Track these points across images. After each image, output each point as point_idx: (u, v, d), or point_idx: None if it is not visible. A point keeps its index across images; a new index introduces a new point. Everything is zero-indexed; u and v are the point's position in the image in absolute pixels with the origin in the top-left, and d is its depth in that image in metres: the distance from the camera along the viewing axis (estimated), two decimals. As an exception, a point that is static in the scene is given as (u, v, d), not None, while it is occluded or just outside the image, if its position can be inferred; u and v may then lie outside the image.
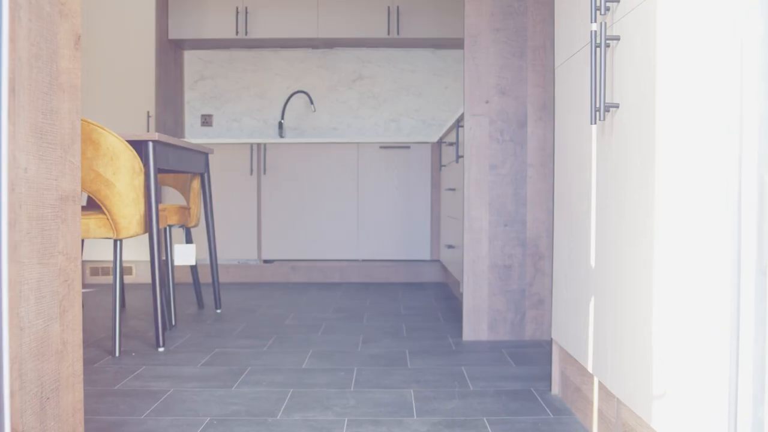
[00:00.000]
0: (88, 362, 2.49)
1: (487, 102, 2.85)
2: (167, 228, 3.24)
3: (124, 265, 4.72)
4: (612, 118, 1.53)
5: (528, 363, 2.48)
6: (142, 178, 2.69)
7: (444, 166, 4.22)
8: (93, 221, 2.60)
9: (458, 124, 3.29)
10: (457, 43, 4.99)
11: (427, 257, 4.69)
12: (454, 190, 3.67)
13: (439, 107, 5.19)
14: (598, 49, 1.54)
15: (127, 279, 4.74)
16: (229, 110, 5.24)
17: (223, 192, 4.67)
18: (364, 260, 4.74)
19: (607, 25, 1.53)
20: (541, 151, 2.86)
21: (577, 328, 1.83)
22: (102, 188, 2.58)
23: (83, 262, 4.71)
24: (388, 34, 4.84)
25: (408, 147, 4.66)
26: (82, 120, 2.52)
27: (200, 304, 3.67)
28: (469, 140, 2.85)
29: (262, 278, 4.76)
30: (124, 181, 2.62)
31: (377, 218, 4.67)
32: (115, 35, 4.63)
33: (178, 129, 5.12)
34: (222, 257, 4.70)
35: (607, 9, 1.50)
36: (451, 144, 3.69)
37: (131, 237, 2.70)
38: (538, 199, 2.86)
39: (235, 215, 4.68)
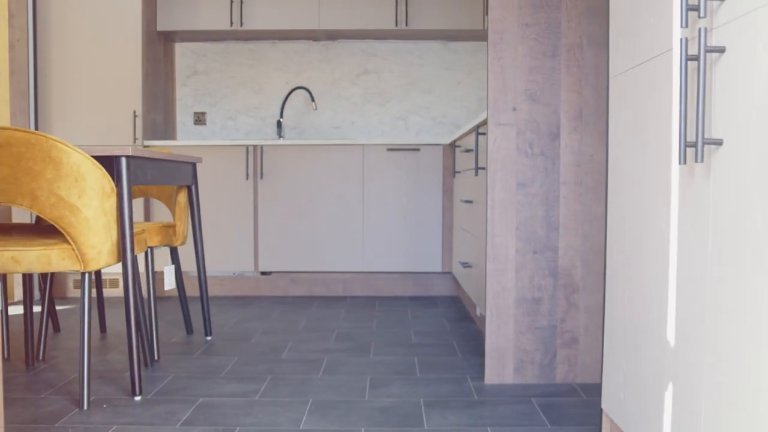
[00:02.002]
0: (50, 418, 2.13)
1: (514, 109, 2.46)
2: (148, 250, 2.87)
3: (111, 277, 4.35)
4: (710, 157, 1.14)
5: (564, 420, 2.11)
6: (114, 199, 2.31)
7: (458, 172, 3.83)
8: (55, 252, 2.23)
9: (477, 130, 2.90)
10: (470, 35, 4.58)
11: (438, 269, 4.31)
12: (470, 202, 3.28)
13: (451, 104, 4.80)
14: (692, 63, 1.15)
15: (114, 292, 4.37)
16: (223, 107, 4.85)
17: (217, 198, 4.29)
18: (369, 272, 4.36)
19: (707, 32, 1.14)
20: (576, 167, 2.47)
21: (644, 412, 1.45)
22: (65, 214, 2.20)
23: (68, 274, 4.34)
24: (396, 25, 4.43)
25: (418, 149, 4.27)
26: (39, 135, 2.14)
27: (189, 328, 3.31)
28: (494, 153, 2.46)
29: (260, 291, 4.39)
30: (92, 205, 2.24)
31: (384, 227, 4.29)
32: (98, 28, 4.23)
33: (168, 128, 4.73)
34: (216, 269, 4.33)
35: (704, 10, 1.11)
36: (467, 151, 3.30)
37: (102, 268, 2.33)
38: (572, 222, 2.48)
39: (229, 224, 4.30)
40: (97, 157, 2.34)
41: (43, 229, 2.65)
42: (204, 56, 4.83)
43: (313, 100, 4.71)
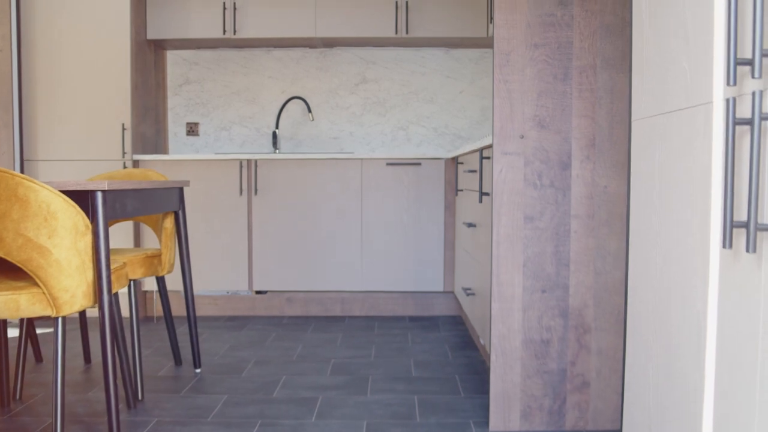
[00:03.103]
0: (17, 480, 1.96)
1: (522, 137, 2.27)
2: (131, 283, 2.69)
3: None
4: (761, 244, 0.96)
5: (578, 483, 1.93)
6: (89, 237, 2.13)
7: (461, 191, 3.65)
8: (24, 297, 2.05)
9: (481, 153, 2.71)
10: (473, 42, 4.39)
11: (440, 288, 4.13)
12: (474, 226, 3.10)
13: (453, 114, 4.61)
14: (741, 127, 0.97)
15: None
16: (217, 118, 4.67)
17: (210, 215, 4.11)
18: (368, 291, 4.18)
19: (762, 96, 0.96)
20: (588, 200, 2.28)
21: None
22: (34, 257, 2.02)
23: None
24: (396, 33, 4.24)
25: (419, 164, 4.08)
26: (4, 172, 1.96)
27: (177, 359, 3.13)
28: (499, 185, 2.28)
29: (254, 311, 4.22)
30: (64, 245, 2.06)
31: (383, 244, 4.11)
32: (85, 37, 4.05)
33: (159, 140, 4.55)
34: (209, 288, 4.16)
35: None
36: (470, 171, 3.11)
37: (77, 311, 2.15)
38: (584, 258, 2.30)
39: (223, 241, 4.13)
40: (70, 192, 2.16)
41: (11, 268, 2.47)
42: (196, 64, 4.64)
43: (309, 111, 4.52)
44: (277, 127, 4.58)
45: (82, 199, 2.17)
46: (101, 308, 2.16)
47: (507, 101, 2.27)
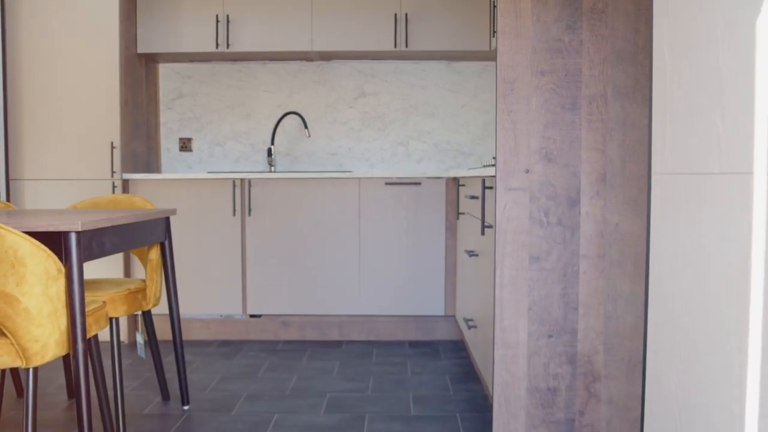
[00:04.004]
0: None
1: (527, 171, 2.12)
2: (112, 321, 2.54)
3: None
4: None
5: None
6: (62, 281, 1.98)
7: (462, 214, 3.50)
8: (-10, 348, 1.90)
9: (483, 184, 2.56)
10: (476, 55, 4.23)
11: (441, 312, 3.98)
12: (476, 255, 2.95)
13: (455, 129, 4.45)
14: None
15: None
16: (211, 133, 4.52)
17: (202, 236, 3.97)
18: (366, 315, 4.03)
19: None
20: (598, 238, 2.13)
21: None
22: (0, 306, 1.87)
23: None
24: (395, 46, 4.08)
25: (419, 183, 3.93)
26: (-34, 216, 1.82)
27: (164, 394, 2.99)
28: (503, 223, 2.13)
29: (249, 335, 4.07)
30: (34, 292, 1.91)
31: (382, 266, 3.96)
32: (72, 53, 3.90)
33: (151, 157, 4.41)
34: (202, 312, 4.01)
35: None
36: (472, 197, 2.96)
37: (49, 361, 2.01)
38: (593, 301, 2.14)
39: (215, 263, 3.98)
40: (41, 234, 2.02)
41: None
42: (189, 78, 4.49)
43: (306, 127, 4.37)
44: (272, 143, 4.43)
45: (55, 240, 2.02)
46: (75, 359, 2.01)
47: (511, 133, 2.12)
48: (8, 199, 3.95)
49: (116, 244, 2.30)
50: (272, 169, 4.43)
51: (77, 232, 2.01)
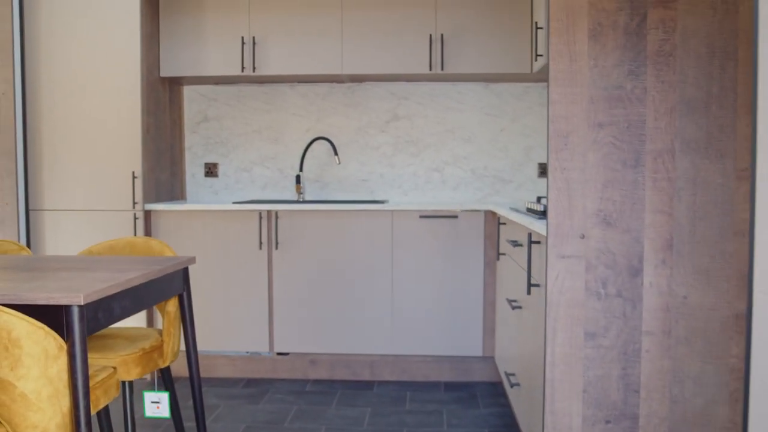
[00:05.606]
0: None
1: (582, 237, 1.88)
2: (125, 385, 2.35)
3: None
4: None
5: None
6: (63, 359, 1.79)
7: (503, 255, 3.25)
8: (-16, 438, 1.72)
9: (530, 238, 2.31)
10: (515, 76, 3.97)
11: (479, 353, 3.74)
12: (520, 308, 2.70)
13: (493, 154, 4.20)
14: None
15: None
16: (237, 158, 4.33)
17: (227, 270, 3.78)
18: (399, 355, 3.81)
19: None
20: (664, 313, 1.87)
21: None
22: (-7, 393, 1.69)
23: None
24: (430, 69, 3.85)
25: (455, 216, 3.69)
26: (-45, 296, 1.64)
27: (184, 451, 2.80)
28: (555, 294, 1.88)
29: (276, 373, 3.87)
30: (31, 375, 1.73)
31: (416, 303, 3.73)
32: (93, 79, 3.74)
33: (176, 182, 4.23)
34: (227, 348, 3.82)
35: None
36: (516, 245, 2.71)
37: (50, 445, 1.82)
38: (657, 383, 1.89)
39: (241, 297, 3.79)
40: (40, 308, 1.83)
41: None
42: (215, 100, 4.31)
43: (336, 153, 4.16)
44: (301, 170, 4.23)
45: (56, 312, 1.83)
46: (78, 444, 1.82)
47: (565, 193, 1.87)
48: (28, 229, 3.81)
49: (127, 308, 2.11)
50: (300, 197, 4.22)
51: (80, 306, 1.82)
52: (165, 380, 2.64)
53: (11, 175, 3.74)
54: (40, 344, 1.73)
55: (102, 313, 1.95)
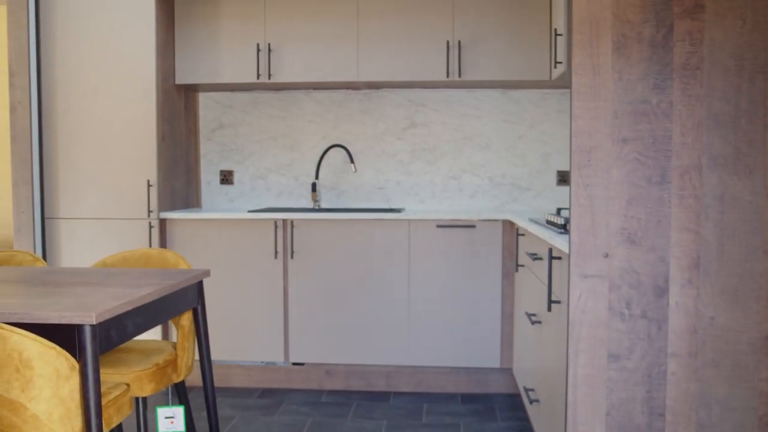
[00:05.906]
0: None
1: (606, 256, 1.82)
2: (138, 402, 2.33)
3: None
4: None
5: None
6: (75, 379, 1.77)
7: (522, 266, 3.20)
8: (-5, 460, 1.70)
9: (551, 254, 2.26)
10: (534, 83, 3.91)
11: (496, 364, 3.68)
12: (539, 323, 2.65)
13: (512, 162, 4.14)
14: None
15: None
16: (253, 165, 4.30)
17: (242, 278, 3.75)
18: (416, 366, 3.76)
19: None
20: (690, 334, 1.82)
21: None
22: (4, 414, 1.67)
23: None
24: (448, 76, 3.80)
25: (473, 226, 3.64)
26: (-34, 317, 1.61)
27: (198, 465, 2.77)
28: (577, 315, 1.83)
29: (291, 383, 3.84)
30: (43, 396, 1.70)
31: (433, 313, 3.68)
32: (108, 87, 3.73)
33: (191, 190, 4.22)
34: (242, 358, 3.79)
35: None
36: (536, 258, 2.66)
37: (62, 466, 1.79)
38: (683, 407, 1.83)
39: (256, 307, 3.76)
40: (51, 327, 1.80)
41: None
42: (230, 107, 4.29)
43: (352, 161, 4.12)
44: (317, 178, 4.19)
45: (68, 330, 1.80)
46: (90, 466, 1.79)
47: (588, 210, 1.82)
48: (43, 237, 3.80)
49: (140, 325, 2.08)
50: (316, 204, 4.19)
51: (92, 325, 1.79)
52: (179, 393, 2.61)
53: (27, 184, 3.73)
54: (52, 364, 1.71)
55: (115, 330, 1.92)
